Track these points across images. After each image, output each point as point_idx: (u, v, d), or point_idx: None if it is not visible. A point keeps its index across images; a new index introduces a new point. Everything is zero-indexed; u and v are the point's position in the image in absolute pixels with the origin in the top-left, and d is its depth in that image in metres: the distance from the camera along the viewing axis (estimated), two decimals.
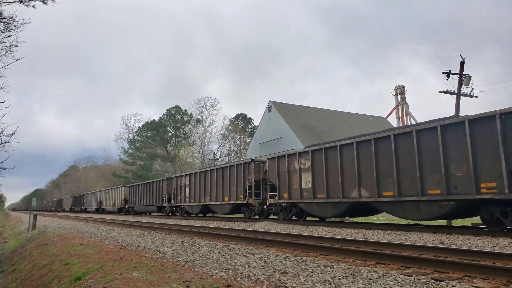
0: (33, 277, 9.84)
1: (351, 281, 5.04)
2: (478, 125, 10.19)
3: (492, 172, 9.82)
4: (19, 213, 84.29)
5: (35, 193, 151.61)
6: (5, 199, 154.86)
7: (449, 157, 10.82)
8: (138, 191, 37.26)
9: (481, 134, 10.10)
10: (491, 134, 9.84)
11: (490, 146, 9.89)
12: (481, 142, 10.09)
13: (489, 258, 6.34)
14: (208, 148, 68.87)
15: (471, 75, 21.56)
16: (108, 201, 45.43)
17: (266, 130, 48.78)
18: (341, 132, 45.60)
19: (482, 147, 10.06)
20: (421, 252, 7.29)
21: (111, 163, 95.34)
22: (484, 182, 9.96)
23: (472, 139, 10.22)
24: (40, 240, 15.82)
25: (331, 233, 12.30)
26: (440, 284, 4.80)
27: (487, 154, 9.97)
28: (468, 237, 9.89)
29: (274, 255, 7.50)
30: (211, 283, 5.20)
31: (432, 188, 11.23)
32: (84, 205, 57.01)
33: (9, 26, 10.60)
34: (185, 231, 13.63)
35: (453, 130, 10.79)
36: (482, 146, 10.08)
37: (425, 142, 11.50)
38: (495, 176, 9.73)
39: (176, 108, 69.07)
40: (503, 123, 9.62)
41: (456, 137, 10.69)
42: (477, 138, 10.18)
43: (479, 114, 10.24)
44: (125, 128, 78.13)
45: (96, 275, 6.54)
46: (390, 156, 12.49)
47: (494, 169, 9.77)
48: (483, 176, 10.01)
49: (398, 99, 68.93)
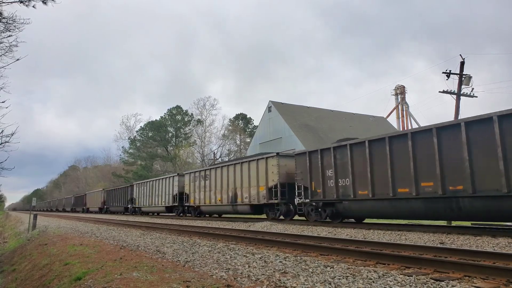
0: (33, 277, 9.83)
1: (351, 281, 5.04)
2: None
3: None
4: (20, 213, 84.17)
5: (35, 193, 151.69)
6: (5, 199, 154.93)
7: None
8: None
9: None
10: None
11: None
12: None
13: (489, 258, 6.34)
14: (208, 148, 68.91)
15: (471, 75, 21.60)
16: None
17: (266, 130, 48.76)
18: (341, 132, 45.57)
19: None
20: (421, 252, 7.29)
21: (111, 163, 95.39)
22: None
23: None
24: (40, 240, 15.82)
25: (331, 233, 12.30)
26: (440, 284, 4.80)
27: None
28: (468, 237, 9.89)
29: (274, 255, 7.50)
30: (211, 283, 5.20)
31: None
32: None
33: (9, 26, 10.60)
34: (185, 231, 13.62)
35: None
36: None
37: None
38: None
39: (177, 108, 69.12)
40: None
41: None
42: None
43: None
44: (125, 128, 78.18)
45: (96, 275, 6.54)
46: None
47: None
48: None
49: (398, 99, 68.94)
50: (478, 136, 10.58)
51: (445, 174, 11.30)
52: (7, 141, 11.60)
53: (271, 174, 18.75)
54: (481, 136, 10.50)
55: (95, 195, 48.52)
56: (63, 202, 73.03)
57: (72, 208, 61.60)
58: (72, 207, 61.97)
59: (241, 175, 21.02)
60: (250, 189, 20.16)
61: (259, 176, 19.56)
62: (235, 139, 72.09)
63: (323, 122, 48.55)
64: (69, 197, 66.53)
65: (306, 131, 44.66)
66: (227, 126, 72.66)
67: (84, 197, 53.74)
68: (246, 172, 20.60)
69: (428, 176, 11.75)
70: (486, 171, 10.32)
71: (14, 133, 11.66)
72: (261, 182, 19.36)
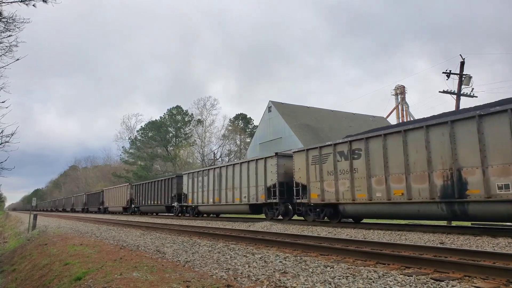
0: (33, 277, 9.83)
1: (351, 281, 5.04)
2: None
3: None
4: (20, 213, 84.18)
5: (35, 193, 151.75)
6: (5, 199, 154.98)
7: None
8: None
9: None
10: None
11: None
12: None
13: (489, 258, 6.34)
14: (208, 148, 68.91)
15: (471, 75, 21.59)
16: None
17: (266, 130, 48.77)
18: (341, 132, 45.57)
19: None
20: (421, 252, 7.29)
21: (111, 163, 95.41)
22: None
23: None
24: (40, 240, 15.82)
25: (331, 233, 12.30)
26: (440, 284, 4.80)
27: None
28: (468, 237, 9.89)
29: (274, 255, 7.50)
30: (211, 283, 5.20)
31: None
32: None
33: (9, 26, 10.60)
34: (185, 231, 13.62)
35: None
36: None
37: None
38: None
39: (177, 108, 69.11)
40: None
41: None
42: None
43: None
44: (125, 128, 78.17)
45: (96, 275, 6.54)
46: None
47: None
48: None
49: (398, 99, 68.94)
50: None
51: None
52: (7, 141, 11.59)
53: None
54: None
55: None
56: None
57: (84, 208, 56.58)
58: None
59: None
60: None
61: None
62: (235, 139, 72.09)
63: (323, 122, 48.56)
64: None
65: (306, 131, 44.66)
66: (227, 126, 72.73)
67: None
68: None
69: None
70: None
71: (14, 133, 11.65)
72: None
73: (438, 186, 11.24)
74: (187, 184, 27.17)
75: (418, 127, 12.09)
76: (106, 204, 46.93)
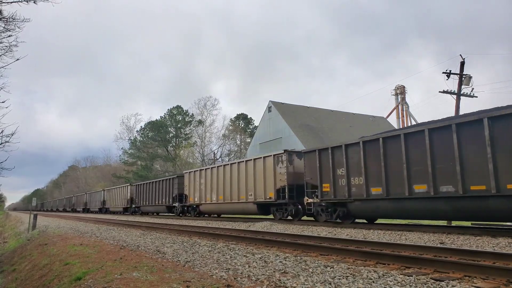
0: (33, 277, 9.84)
1: (351, 281, 5.04)
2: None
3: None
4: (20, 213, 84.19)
5: (35, 193, 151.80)
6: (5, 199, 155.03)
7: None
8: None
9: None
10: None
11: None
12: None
13: (489, 258, 6.34)
14: (208, 148, 68.90)
15: (471, 75, 21.60)
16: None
17: (266, 130, 48.77)
18: (341, 132, 45.62)
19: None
20: (421, 252, 7.29)
21: (111, 163, 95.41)
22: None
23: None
24: (40, 240, 15.82)
25: (331, 233, 12.30)
26: (440, 284, 4.80)
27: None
28: (468, 237, 9.89)
29: (274, 255, 7.50)
30: (211, 283, 5.20)
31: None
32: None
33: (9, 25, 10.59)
34: (185, 231, 13.62)
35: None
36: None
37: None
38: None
39: (177, 108, 69.07)
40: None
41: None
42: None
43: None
44: (125, 128, 78.14)
45: (96, 275, 6.54)
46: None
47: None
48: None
49: (398, 99, 68.91)
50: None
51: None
52: (7, 141, 11.57)
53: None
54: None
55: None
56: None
57: (85, 208, 57.15)
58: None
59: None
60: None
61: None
62: (236, 139, 72.09)
63: (323, 122, 48.57)
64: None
65: (306, 131, 44.66)
66: (228, 126, 72.73)
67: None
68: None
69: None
70: None
71: (14, 133, 11.62)
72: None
73: None
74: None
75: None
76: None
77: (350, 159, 14.47)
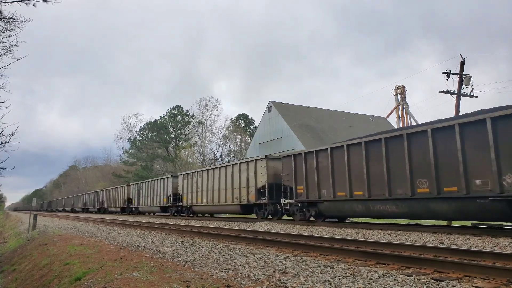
0: (33, 277, 9.84)
1: (351, 281, 5.04)
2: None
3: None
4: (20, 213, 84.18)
5: (35, 193, 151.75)
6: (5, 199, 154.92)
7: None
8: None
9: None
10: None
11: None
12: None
13: (489, 258, 6.34)
14: (209, 148, 68.86)
15: (471, 75, 21.62)
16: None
17: (266, 130, 48.77)
18: (341, 132, 45.60)
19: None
20: (421, 252, 7.29)
21: (111, 163, 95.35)
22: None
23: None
24: (40, 240, 15.82)
25: (331, 233, 12.30)
26: (440, 284, 4.80)
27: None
28: (468, 237, 9.89)
29: (274, 255, 7.50)
30: (211, 283, 5.20)
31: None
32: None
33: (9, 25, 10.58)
34: (185, 231, 13.62)
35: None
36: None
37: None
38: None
39: (177, 108, 68.99)
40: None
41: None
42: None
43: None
44: (125, 128, 78.07)
45: (96, 275, 6.54)
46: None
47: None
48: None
49: (398, 99, 68.92)
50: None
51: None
52: (7, 141, 11.56)
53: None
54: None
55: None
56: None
57: (84, 208, 57.20)
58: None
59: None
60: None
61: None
62: (236, 140, 72.08)
63: (323, 122, 48.57)
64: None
65: (306, 131, 44.66)
66: (228, 126, 72.71)
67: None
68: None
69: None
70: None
71: (14, 133, 11.62)
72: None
73: None
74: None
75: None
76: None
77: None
